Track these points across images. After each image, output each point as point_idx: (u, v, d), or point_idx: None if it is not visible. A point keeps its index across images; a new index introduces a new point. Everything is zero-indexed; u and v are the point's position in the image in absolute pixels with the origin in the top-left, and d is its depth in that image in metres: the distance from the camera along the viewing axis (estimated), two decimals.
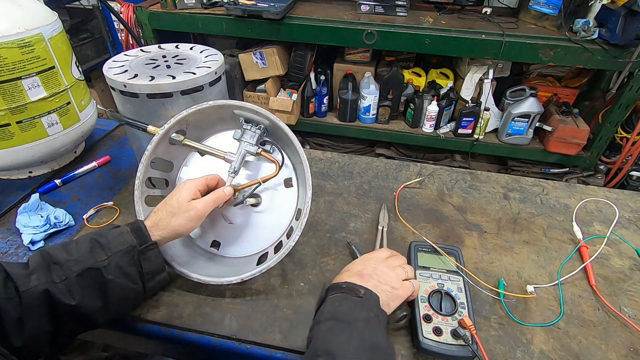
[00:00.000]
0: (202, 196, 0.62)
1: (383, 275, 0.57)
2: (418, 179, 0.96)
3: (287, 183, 0.72)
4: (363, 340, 0.47)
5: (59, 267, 0.52)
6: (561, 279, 0.71)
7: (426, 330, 0.58)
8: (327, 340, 0.48)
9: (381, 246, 0.76)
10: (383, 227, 0.81)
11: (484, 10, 1.98)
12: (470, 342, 0.55)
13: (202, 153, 0.76)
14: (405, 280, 0.59)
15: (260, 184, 0.68)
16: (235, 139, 0.70)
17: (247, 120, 0.70)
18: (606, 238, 0.80)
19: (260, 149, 0.69)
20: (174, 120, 0.69)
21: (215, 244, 0.74)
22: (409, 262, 0.70)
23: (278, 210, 0.72)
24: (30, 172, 0.94)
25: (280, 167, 0.69)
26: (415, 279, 0.63)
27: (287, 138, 0.67)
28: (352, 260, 0.67)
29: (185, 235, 0.62)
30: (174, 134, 0.70)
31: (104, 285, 0.53)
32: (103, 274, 0.53)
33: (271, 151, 0.71)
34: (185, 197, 0.60)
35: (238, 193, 0.69)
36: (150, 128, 0.71)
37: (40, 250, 0.55)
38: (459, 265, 0.67)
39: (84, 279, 0.52)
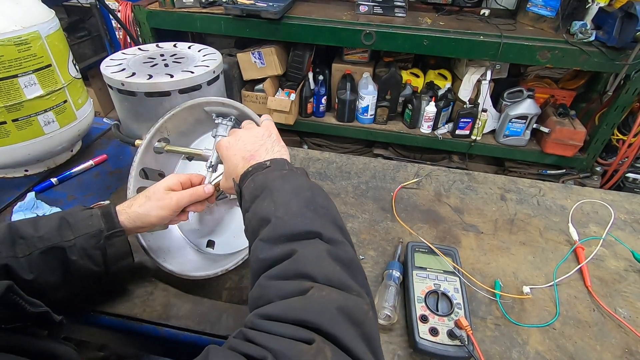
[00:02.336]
0: None
1: (260, 138, 0.54)
2: (415, 180, 0.97)
3: None
4: (283, 190, 0.46)
5: (23, 242, 0.51)
6: (557, 280, 0.71)
7: (422, 330, 0.58)
8: (256, 213, 0.46)
9: None
10: None
11: (482, 11, 1.99)
12: (467, 343, 0.55)
13: (189, 157, 0.77)
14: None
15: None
16: (212, 136, 0.70)
17: (219, 115, 0.70)
18: (602, 239, 0.80)
19: None
20: (153, 130, 0.70)
21: (211, 244, 0.74)
22: (405, 263, 0.70)
23: None
24: (26, 171, 0.93)
25: None
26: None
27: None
28: None
29: (157, 224, 0.60)
30: (156, 143, 0.71)
31: (66, 264, 0.53)
32: (67, 254, 0.52)
33: None
34: (163, 186, 0.59)
35: (219, 188, 0.69)
36: (137, 142, 0.71)
37: (9, 223, 0.54)
38: (456, 265, 0.68)
39: (47, 256, 0.52)
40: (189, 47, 0.88)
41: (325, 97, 2.20)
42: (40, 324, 0.47)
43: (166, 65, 0.79)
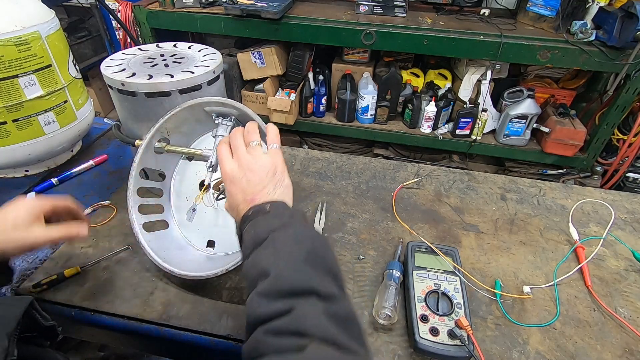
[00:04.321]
0: (47, 222, 0.55)
1: (264, 178, 0.52)
2: (416, 180, 0.97)
3: None
4: (285, 242, 0.46)
5: None
6: (557, 280, 0.71)
7: (423, 330, 0.58)
8: (256, 263, 0.46)
9: None
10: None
11: (482, 11, 1.99)
12: (467, 342, 0.55)
13: (189, 158, 0.77)
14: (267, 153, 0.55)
15: None
16: (213, 136, 0.70)
17: (219, 115, 0.70)
18: (602, 239, 0.80)
19: None
20: (153, 130, 0.70)
21: (211, 244, 0.74)
22: (405, 263, 0.70)
23: None
24: (26, 171, 0.93)
25: None
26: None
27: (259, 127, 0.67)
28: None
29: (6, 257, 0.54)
30: (156, 143, 0.71)
31: None
32: None
33: None
34: (24, 220, 0.52)
35: (221, 186, 0.69)
36: (137, 142, 0.71)
37: None
38: (456, 265, 0.68)
39: None
40: (189, 47, 0.88)
41: (325, 97, 2.20)
42: (45, 336, 0.51)
43: (166, 65, 0.79)
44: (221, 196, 0.70)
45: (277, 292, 0.42)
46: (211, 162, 0.67)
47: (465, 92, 2.01)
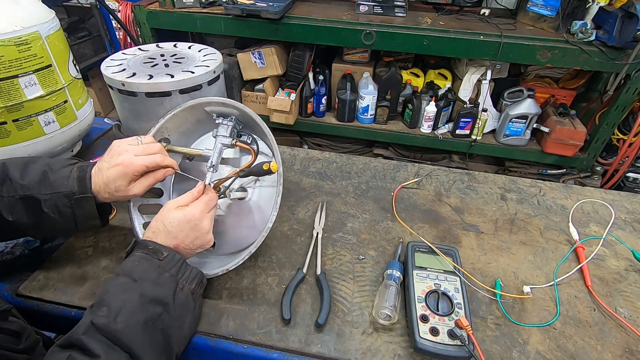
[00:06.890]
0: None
1: (197, 242, 0.60)
2: (416, 180, 0.97)
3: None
4: (144, 296, 0.50)
5: (10, 184, 0.58)
6: (557, 280, 0.71)
7: (423, 330, 0.58)
8: (112, 293, 0.50)
9: (314, 255, 0.74)
10: (318, 232, 0.79)
11: (482, 11, 1.99)
12: (467, 342, 0.55)
13: (190, 158, 0.77)
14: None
15: (239, 176, 0.68)
16: (213, 136, 0.70)
17: (220, 115, 0.70)
18: (602, 239, 0.80)
19: (235, 140, 0.69)
20: (154, 130, 0.70)
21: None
22: (405, 263, 0.70)
23: (265, 199, 0.73)
24: None
25: (256, 155, 0.69)
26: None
27: (260, 127, 0.67)
28: None
29: (121, 191, 0.62)
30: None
31: (39, 214, 0.59)
32: (41, 205, 0.58)
33: (249, 142, 0.71)
34: (122, 184, 0.61)
35: (222, 187, 0.69)
36: None
37: (4, 161, 0.60)
38: (456, 265, 0.68)
39: (25, 203, 0.58)
40: (189, 47, 0.88)
41: (325, 97, 2.20)
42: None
43: (166, 65, 0.79)
44: (221, 196, 0.70)
45: (105, 332, 0.46)
46: (211, 162, 0.67)
47: (465, 92, 2.01)
